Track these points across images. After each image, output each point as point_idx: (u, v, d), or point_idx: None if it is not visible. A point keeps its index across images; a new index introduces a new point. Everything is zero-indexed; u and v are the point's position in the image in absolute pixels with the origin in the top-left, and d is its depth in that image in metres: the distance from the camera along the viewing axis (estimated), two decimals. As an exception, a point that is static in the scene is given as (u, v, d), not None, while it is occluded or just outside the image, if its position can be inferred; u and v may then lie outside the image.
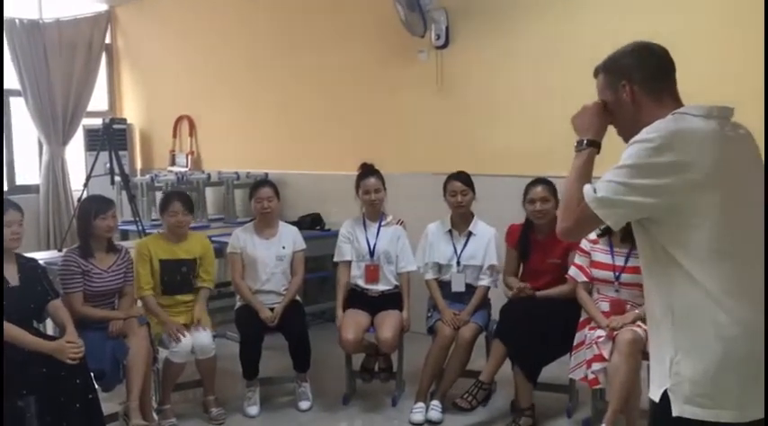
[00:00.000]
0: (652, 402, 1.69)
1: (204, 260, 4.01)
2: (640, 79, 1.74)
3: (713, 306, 1.59)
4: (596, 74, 1.84)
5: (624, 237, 3.42)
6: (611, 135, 1.86)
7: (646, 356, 3.35)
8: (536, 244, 3.85)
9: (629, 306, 3.46)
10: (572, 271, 3.62)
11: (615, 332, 3.32)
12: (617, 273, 3.47)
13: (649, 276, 1.72)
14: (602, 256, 3.54)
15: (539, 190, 3.79)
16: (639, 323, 3.34)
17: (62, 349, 3.12)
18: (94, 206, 3.66)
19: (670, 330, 1.64)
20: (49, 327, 3.93)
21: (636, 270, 3.41)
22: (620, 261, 3.48)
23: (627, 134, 1.76)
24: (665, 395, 1.63)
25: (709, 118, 1.66)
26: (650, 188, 1.59)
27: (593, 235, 3.59)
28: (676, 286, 1.62)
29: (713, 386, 1.59)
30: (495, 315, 3.94)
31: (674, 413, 1.61)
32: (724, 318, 1.58)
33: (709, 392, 1.59)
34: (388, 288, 4.12)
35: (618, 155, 1.68)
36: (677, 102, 1.75)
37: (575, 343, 3.55)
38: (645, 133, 1.63)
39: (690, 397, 1.60)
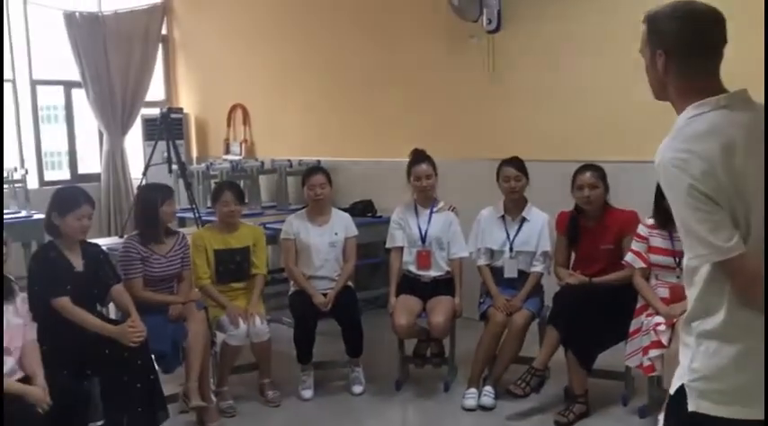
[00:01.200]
0: (669, 395, 1.66)
1: (256, 248, 4.08)
2: (678, 53, 1.59)
3: (734, 302, 1.54)
4: (644, 21, 1.70)
5: None
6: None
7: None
8: (586, 230, 3.80)
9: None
10: (629, 258, 3.56)
11: (675, 320, 3.25)
12: (677, 259, 3.39)
13: (693, 273, 1.63)
14: (661, 241, 3.46)
15: (587, 176, 3.73)
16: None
17: (124, 333, 3.23)
18: (160, 194, 3.74)
19: (698, 327, 1.60)
20: (112, 311, 4.06)
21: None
22: (680, 247, 3.38)
23: (654, 90, 1.71)
24: (681, 390, 1.61)
25: (717, 109, 1.55)
26: (713, 203, 1.50)
27: (651, 221, 3.52)
28: (710, 283, 1.58)
29: (729, 382, 1.55)
30: (548, 301, 3.90)
31: (690, 408, 1.58)
32: (741, 314, 1.54)
33: (724, 388, 1.55)
34: (439, 274, 4.12)
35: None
36: (713, 84, 1.60)
37: (631, 330, 3.50)
38: (670, 156, 1.54)
39: (705, 393, 1.57)
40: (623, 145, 4.53)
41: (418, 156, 4.21)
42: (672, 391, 1.65)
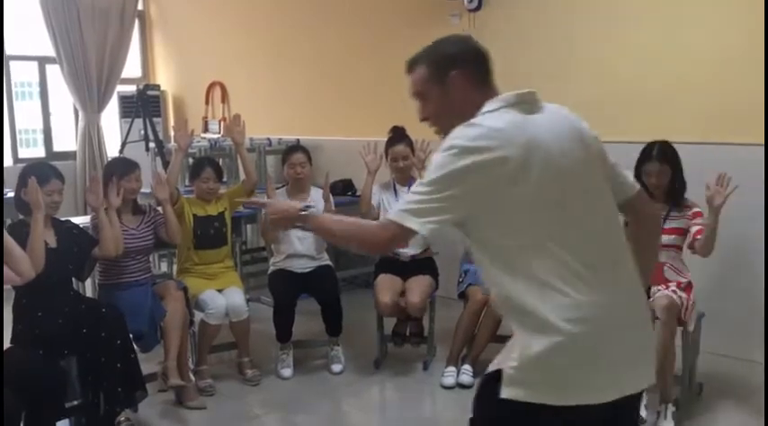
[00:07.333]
0: (485, 375, 1.68)
1: (229, 195, 4.16)
2: (470, 64, 1.75)
3: (536, 293, 1.56)
4: (412, 67, 1.85)
5: (665, 199, 3.37)
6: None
7: (681, 322, 3.32)
8: None
9: (666, 267, 3.41)
10: None
11: (651, 299, 3.29)
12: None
13: (489, 267, 1.67)
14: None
15: None
16: (675, 289, 3.30)
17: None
18: (118, 169, 3.70)
19: (509, 318, 1.64)
20: (89, 289, 4.02)
21: (674, 231, 3.37)
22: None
23: (443, 123, 1.79)
24: (497, 373, 1.61)
25: (509, 106, 1.68)
26: (457, 194, 1.57)
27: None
28: (505, 276, 1.60)
29: (535, 369, 1.56)
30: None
31: (502, 395, 1.59)
32: (547, 305, 1.55)
33: (530, 376, 1.56)
34: (417, 251, 4.13)
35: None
36: (491, 90, 1.75)
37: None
38: (449, 140, 1.62)
39: (514, 379, 1.58)
40: (605, 125, 4.51)
41: (396, 136, 4.20)
42: (490, 370, 1.66)
